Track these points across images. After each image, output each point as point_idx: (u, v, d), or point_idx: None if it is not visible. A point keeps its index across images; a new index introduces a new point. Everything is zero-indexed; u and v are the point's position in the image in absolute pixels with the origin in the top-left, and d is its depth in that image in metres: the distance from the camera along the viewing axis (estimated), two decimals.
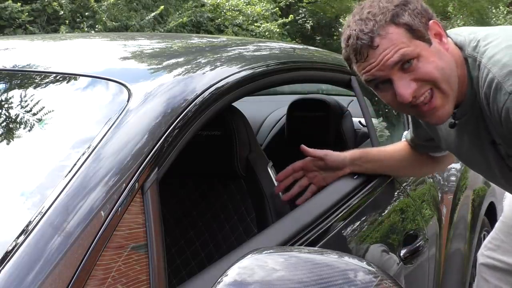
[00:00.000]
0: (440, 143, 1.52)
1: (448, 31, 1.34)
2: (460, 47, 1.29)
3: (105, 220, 0.88)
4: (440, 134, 1.50)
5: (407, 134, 1.71)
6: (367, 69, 1.23)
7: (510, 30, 1.30)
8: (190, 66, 1.31)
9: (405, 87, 1.21)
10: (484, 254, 1.81)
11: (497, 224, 1.82)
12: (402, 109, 1.32)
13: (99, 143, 0.99)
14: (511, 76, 1.17)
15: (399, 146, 1.68)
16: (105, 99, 1.18)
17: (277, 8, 13.20)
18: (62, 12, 8.66)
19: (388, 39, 1.19)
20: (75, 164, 0.95)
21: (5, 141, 1.16)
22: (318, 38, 15.73)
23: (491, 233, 1.84)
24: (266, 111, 2.95)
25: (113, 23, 9.11)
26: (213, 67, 1.33)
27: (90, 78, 1.23)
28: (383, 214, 1.64)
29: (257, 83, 1.38)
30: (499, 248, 1.75)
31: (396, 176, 1.74)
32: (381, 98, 1.32)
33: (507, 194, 1.79)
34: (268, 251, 0.91)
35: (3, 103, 1.25)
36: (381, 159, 1.62)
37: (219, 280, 0.86)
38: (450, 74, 1.24)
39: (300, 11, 15.50)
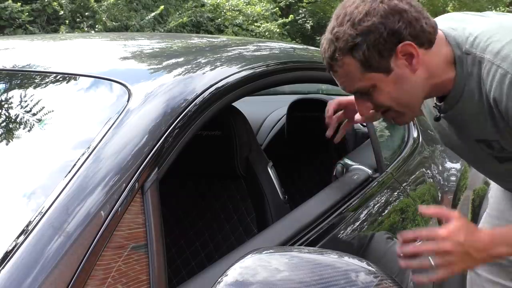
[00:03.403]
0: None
1: (440, 21, 1.32)
2: (456, 44, 1.28)
3: (105, 220, 0.88)
4: (429, 121, 1.53)
5: None
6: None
7: (506, 23, 1.29)
8: (190, 66, 1.31)
9: (362, 108, 1.33)
10: None
11: (483, 217, 1.82)
12: None
13: (99, 143, 0.99)
14: None
15: None
16: (105, 99, 1.18)
17: (277, 8, 13.21)
18: (62, 12, 8.67)
19: (344, 69, 1.24)
20: (75, 164, 0.95)
21: (5, 141, 1.16)
22: (318, 38, 15.72)
23: (479, 226, 1.83)
24: (266, 111, 2.95)
25: (113, 23, 9.12)
26: (213, 67, 1.33)
27: (90, 78, 1.23)
28: (383, 214, 1.64)
29: (257, 83, 1.38)
30: None
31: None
32: None
33: (491, 186, 1.79)
34: (268, 251, 0.91)
35: (3, 103, 1.25)
36: None
37: (219, 280, 0.86)
38: (409, 97, 1.28)
39: (300, 11, 15.51)
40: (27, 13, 8.15)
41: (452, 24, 1.32)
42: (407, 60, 1.23)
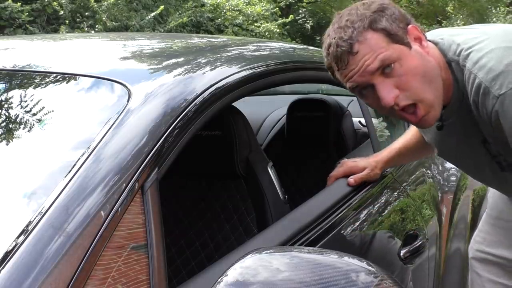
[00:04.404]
0: (429, 142, 1.56)
1: (427, 34, 1.34)
2: (441, 51, 1.29)
3: (105, 220, 0.88)
4: (427, 136, 1.53)
5: None
6: (349, 76, 1.24)
7: (489, 32, 1.30)
8: (190, 66, 1.31)
9: (387, 91, 1.21)
10: (473, 247, 1.81)
11: (483, 217, 1.83)
12: (389, 113, 1.32)
13: (99, 143, 0.99)
14: (498, 80, 1.17)
15: (411, 132, 1.73)
16: (105, 99, 1.18)
17: (277, 8, 13.21)
18: (62, 12, 8.67)
19: (367, 44, 1.19)
20: (75, 164, 0.95)
21: (5, 141, 1.16)
22: (318, 38, 15.72)
23: (479, 226, 1.84)
24: (266, 111, 2.95)
25: (113, 23, 9.12)
26: (213, 67, 1.33)
27: (90, 78, 1.23)
28: (383, 214, 1.64)
29: (257, 83, 1.38)
30: (485, 240, 1.76)
31: (414, 160, 1.93)
32: (367, 104, 1.33)
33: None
34: (268, 251, 0.91)
35: (3, 103, 1.25)
36: (403, 155, 1.70)
37: (219, 280, 0.86)
38: (433, 78, 1.24)
39: (300, 11, 15.50)
40: (27, 13, 8.15)
41: (441, 35, 1.34)
42: (418, 42, 1.24)
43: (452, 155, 1.51)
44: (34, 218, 0.86)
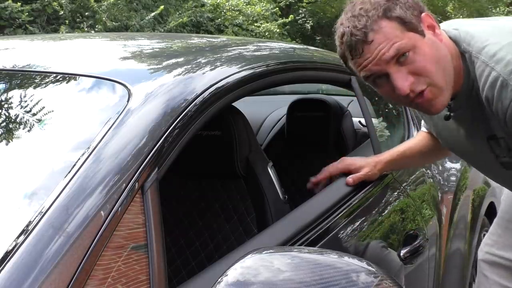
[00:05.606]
0: (438, 136, 1.55)
1: (441, 24, 1.34)
2: (455, 42, 1.29)
3: (105, 220, 0.88)
4: (436, 127, 1.53)
5: (423, 124, 1.74)
6: (363, 65, 1.24)
7: (503, 26, 1.30)
8: (190, 66, 1.31)
9: (402, 80, 1.22)
10: (483, 249, 1.81)
11: (495, 219, 1.83)
12: (401, 102, 1.33)
13: (99, 143, 0.99)
14: None
15: (418, 137, 1.73)
16: (105, 99, 1.18)
17: (277, 8, 13.20)
18: (62, 12, 8.66)
19: (382, 33, 1.20)
20: (75, 164, 0.95)
21: (5, 141, 1.16)
22: (318, 38, 15.72)
23: (490, 229, 1.84)
24: (266, 111, 2.95)
25: (113, 23, 9.12)
26: (213, 67, 1.33)
27: (90, 78, 1.23)
28: (383, 214, 1.64)
29: (257, 83, 1.38)
30: (496, 243, 1.75)
31: (417, 166, 1.90)
32: (380, 93, 1.33)
33: (505, 188, 1.80)
34: (268, 251, 0.91)
35: (3, 103, 1.25)
36: (406, 157, 1.69)
37: (219, 280, 0.86)
38: (445, 65, 1.25)
39: (300, 11, 15.49)
40: (27, 13, 8.14)
41: (455, 25, 1.34)
42: (431, 30, 1.24)
43: (457, 148, 1.51)
44: (34, 218, 0.86)
